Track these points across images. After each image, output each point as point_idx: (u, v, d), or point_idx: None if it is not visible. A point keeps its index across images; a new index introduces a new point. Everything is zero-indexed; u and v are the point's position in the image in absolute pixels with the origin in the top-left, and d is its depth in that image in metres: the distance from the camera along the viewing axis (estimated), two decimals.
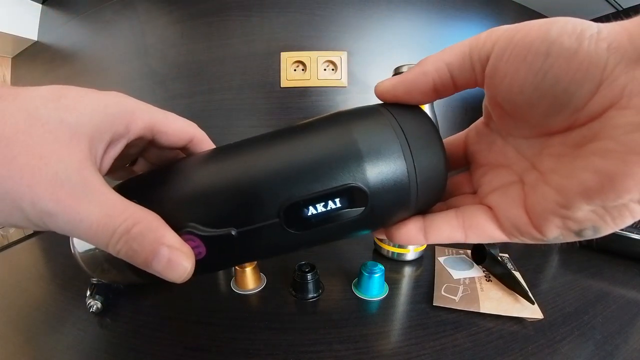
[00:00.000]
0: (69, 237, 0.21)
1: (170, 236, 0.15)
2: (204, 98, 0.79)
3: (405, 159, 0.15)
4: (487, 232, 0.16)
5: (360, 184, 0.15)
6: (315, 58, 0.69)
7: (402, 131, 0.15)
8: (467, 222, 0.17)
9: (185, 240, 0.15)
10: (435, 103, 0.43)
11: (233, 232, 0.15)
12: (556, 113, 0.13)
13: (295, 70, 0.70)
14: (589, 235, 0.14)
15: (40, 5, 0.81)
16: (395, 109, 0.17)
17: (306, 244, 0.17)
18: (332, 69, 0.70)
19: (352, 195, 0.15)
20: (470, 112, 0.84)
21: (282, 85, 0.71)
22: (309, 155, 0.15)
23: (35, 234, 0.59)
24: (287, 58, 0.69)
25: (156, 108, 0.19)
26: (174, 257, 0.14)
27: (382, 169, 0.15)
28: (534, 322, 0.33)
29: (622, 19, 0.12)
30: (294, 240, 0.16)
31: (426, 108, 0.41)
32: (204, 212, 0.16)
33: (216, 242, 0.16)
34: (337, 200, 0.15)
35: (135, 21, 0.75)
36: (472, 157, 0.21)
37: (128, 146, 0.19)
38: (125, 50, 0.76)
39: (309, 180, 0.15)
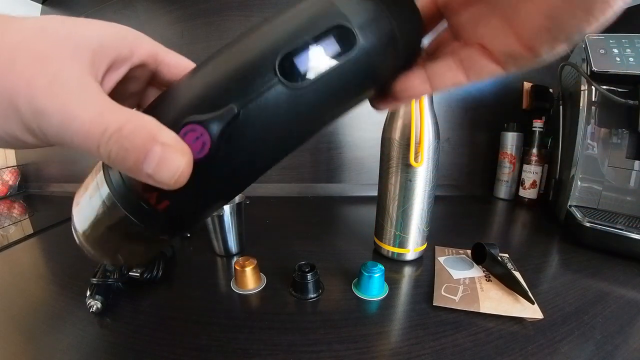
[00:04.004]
0: (68, 238, 0.21)
1: (165, 133, 0.14)
2: None
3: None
4: (485, 68, 0.17)
5: (344, 22, 0.15)
6: None
7: None
8: (465, 64, 0.18)
9: (187, 132, 0.14)
10: (436, 103, 0.43)
11: (235, 109, 0.14)
12: None
13: None
14: (576, 39, 0.14)
15: (40, 5, 0.81)
16: None
17: (315, 112, 0.16)
18: None
19: (340, 35, 0.15)
20: (470, 111, 0.84)
21: None
22: (293, 17, 0.16)
23: (35, 233, 0.59)
24: None
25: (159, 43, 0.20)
26: (167, 153, 0.13)
27: (358, 8, 0.15)
28: (534, 322, 0.33)
29: (624, 19, 0.12)
30: (300, 104, 0.15)
31: (426, 109, 0.41)
32: (200, 97, 0.15)
33: (219, 127, 0.14)
34: (328, 42, 0.15)
35: (135, 21, 0.75)
36: (445, 7, 0.20)
37: (129, 78, 0.19)
38: None
39: (296, 33, 0.15)
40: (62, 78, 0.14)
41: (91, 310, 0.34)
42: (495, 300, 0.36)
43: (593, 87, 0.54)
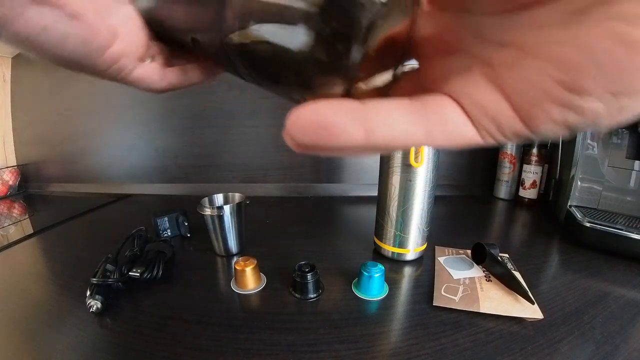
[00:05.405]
0: (68, 238, 0.21)
1: None
2: (204, 98, 0.79)
3: None
4: (457, 128, 0.11)
5: None
6: None
7: None
8: (428, 113, 0.11)
9: None
10: None
11: None
12: None
13: None
14: (581, 129, 0.10)
15: None
16: None
17: None
18: None
19: None
20: None
21: None
22: None
23: (35, 233, 0.59)
24: None
25: None
26: None
27: None
28: (534, 322, 0.33)
29: None
30: None
31: None
32: None
33: None
34: None
35: None
36: (418, 49, 0.14)
37: None
38: None
39: None
40: None
41: (91, 310, 0.34)
42: (495, 300, 0.36)
43: None
